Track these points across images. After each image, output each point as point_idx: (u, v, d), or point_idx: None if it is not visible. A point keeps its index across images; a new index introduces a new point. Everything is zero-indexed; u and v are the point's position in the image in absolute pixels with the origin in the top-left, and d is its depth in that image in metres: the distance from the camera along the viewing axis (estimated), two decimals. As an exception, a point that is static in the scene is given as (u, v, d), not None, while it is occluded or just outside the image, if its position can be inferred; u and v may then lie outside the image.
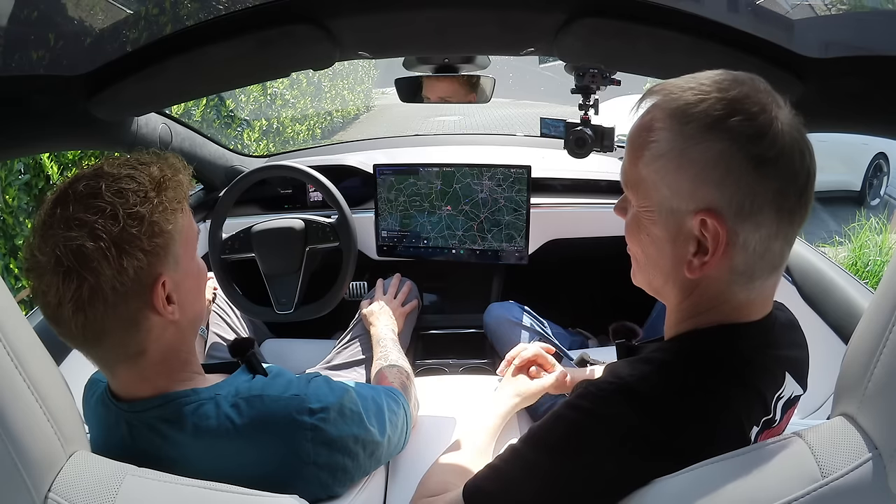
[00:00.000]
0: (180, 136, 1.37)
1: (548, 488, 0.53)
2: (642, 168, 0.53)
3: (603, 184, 1.61)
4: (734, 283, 0.53)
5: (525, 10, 0.78)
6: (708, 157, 0.49)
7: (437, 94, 1.25)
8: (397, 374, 0.99)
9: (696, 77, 0.53)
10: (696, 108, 0.50)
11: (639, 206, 0.55)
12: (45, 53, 0.79)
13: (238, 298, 1.33)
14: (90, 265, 0.53)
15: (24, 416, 0.45)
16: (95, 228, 0.53)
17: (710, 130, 0.49)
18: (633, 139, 0.55)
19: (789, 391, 0.56)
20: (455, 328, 1.51)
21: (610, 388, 0.53)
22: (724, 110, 0.49)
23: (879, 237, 3.66)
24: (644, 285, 0.61)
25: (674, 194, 0.51)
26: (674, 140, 0.51)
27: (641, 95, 0.56)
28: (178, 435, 0.59)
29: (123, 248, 0.54)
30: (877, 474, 0.40)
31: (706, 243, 0.51)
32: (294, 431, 0.62)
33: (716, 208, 0.49)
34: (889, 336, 0.40)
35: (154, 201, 0.57)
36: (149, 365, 0.60)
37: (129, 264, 0.54)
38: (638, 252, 0.58)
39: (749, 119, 0.48)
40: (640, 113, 0.55)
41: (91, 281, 0.53)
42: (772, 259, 0.52)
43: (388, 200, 1.47)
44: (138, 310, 0.57)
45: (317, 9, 0.77)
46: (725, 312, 0.54)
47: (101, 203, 0.54)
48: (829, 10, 0.77)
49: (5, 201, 1.92)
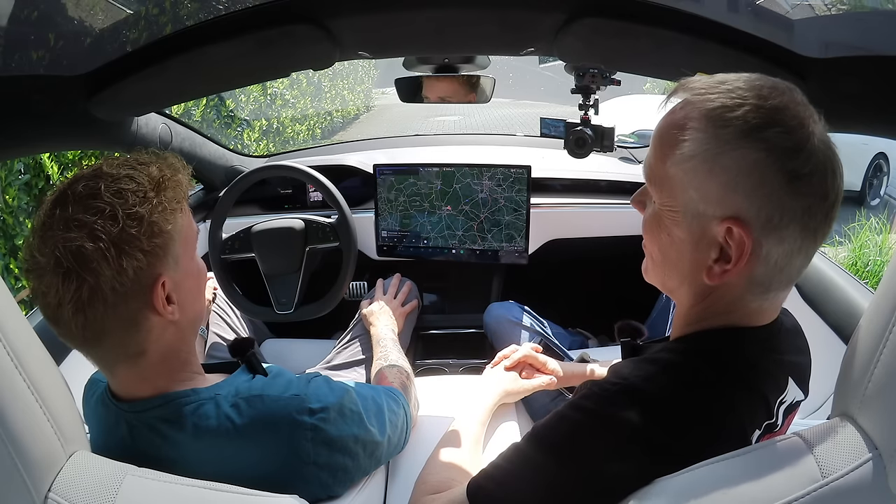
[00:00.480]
0: (180, 136, 1.37)
1: (550, 488, 0.53)
2: (671, 166, 0.52)
3: (603, 184, 1.61)
4: (749, 293, 0.52)
5: (525, 9, 0.78)
6: (742, 164, 0.48)
7: (437, 94, 1.25)
8: (397, 374, 0.99)
9: (730, 78, 0.51)
10: (733, 113, 0.48)
11: (661, 204, 0.54)
12: (45, 53, 0.79)
13: (238, 298, 1.33)
14: (90, 266, 0.53)
15: (24, 416, 0.45)
16: (95, 229, 0.53)
17: (746, 138, 0.48)
18: (663, 135, 0.53)
19: (791, 396, 0.56)
20: (455, 328, 1.51)
21: (614, 388, 0.53)
22: (763, 119, 0.48)
23: (879, 237, 3.66)
24: (656, 283, 0.60)
25: (701, 198, 0.50)
26: (707, 143, 0.49)
27: (671, 90, 0.55)
28: (178, 435, 0.59)
29: (123, 248, 0.54)
30: (877, 474, 0.40)
31: (729, 251, 0.50)
32: (294, 431, 0.62)
33: (744, 218, 0.48)
34: (889, 336, 0.40)
35: (153, 201, 0.56)
36: (149, 365, 0.60)
37: (128, 265, 0.54)
38: (655, 250, 0.57)
39: (787, 132, 0.47)
40: (669, 108, 0.54)
41: (91, 281, 0.53)
42: (790, 273, 0.51)
43: (388, 200, 1.47)
44: (138, 310, 0.57)
45: (317, 9, 0.77)
46: (735, 318, 0.54)
47: (100, 204, 0.54)
48: (829, 10, 0.77)
49: (5, 201, 1.92)
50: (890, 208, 4.99)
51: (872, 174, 5.42)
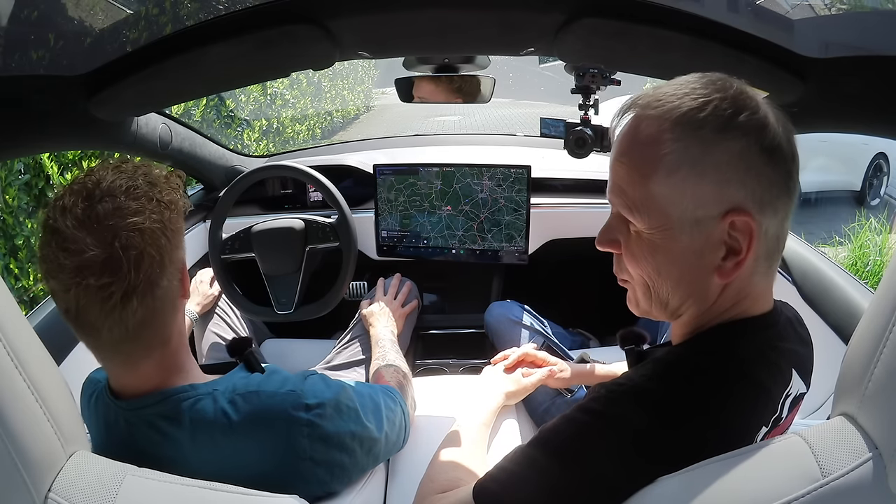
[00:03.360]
0: (180, 136, 1.37)
1: (555, 490, 0.53)
2: (655, 186, 0.51)
3: (603, 184, 1.59)
4: (757, 273, 0.53)
5: (525, 10, 0.78)
6: (728, 157, 0.49)
7: (437, 94, 1.25)
8: (394, 373, 0.99)
9: (677, 83, 0.52)
10: (703, 113, 0.49)
11: (650, 228, 0.52)
12: (45, 53, 0.79)
13: (238, 298, 1.33)
14: (157, 242, 0.56)
15: (24, 416, 0.45)
16: (150, 214, 0.55)
17: (724, 131, 0.49)
18: (635, 157, 0.52)
19: (796, 389, 0.56)
20: (455, 328, 1.51)
21: (620, 389, 0.53)
22: (732, 108, 0.49)
23: (879, 237, 3.66)
24: (653, 311, 0.58)
25: (698, 204, 0.50)
26: (689, 148, 0.49)
27: (618, 112, 0.54)
28: (176, 432, 0.60)
29: (171, 228, 0.58)
30: (877, 474, 0.40)
31: (736, 244, 0.50)
32: (290, 427, 0.62)
33: (742, 205, 0.49)
34: (889, 336, 0.40)
35: (175, 190, 0.60)
36: (169, 354, 0.61)
37: (176, 244, 0.58)
38: (650, 275, 0.55)
39: (753, 113, 0.49)
40: (626, 128, 0.53)
41: (156, 257, 0.55)
42: (783, 239, 0.53)
43: (388, 200, 1.47)
44: (176, 292, 0.60)
45: (317, 9, 0.77)
46: (741, 307, 0.54)
47: (140, 193, 0.56)
48: (829, 10, 0.77)
49: (5, 201, 1.92)
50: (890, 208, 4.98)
51: (872, 174, 5.42)
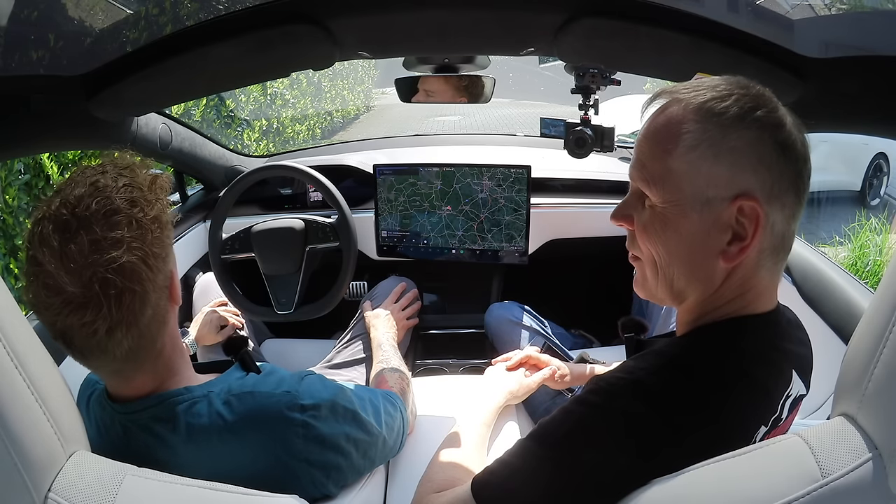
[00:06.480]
0: (180, 136, 1.37)
1: (554, 482, 0.53)
2: (673, 161, 0.53)
3: (603, 184, 1.61)
4: (762, 267, 0.54)
5: (525, 10, 0.78)
6: (743, 144, 0.52)
7: (437, 94, 1.25)
8: (398, 379, 0.99)
9: (702, 82, 0.55)
10: (724, 103, 0.53)
11: (664, 202, 0.55)
12: (45, 53, 0.79)
13: (238, 298, 1.33)
14: (139, 277, 0.54)
15: (24, 416, 0.45)
16: (130, 243, 0.53)
17: (742, 120, 0.52)
18: (660, 133, 0.55)
19: (796, 390, 0.56)
20: (455, 328, 1.50)
21: (619, 382, 0.53)
22: (752, 103, 0.53)
23: (879, 237, 3.66)
24: (659, 292, 0.59)
25: (710, 184, 0.53)
26: (708, 130, 0.52)
27: (650, 98, 0.57)
28: (172, 436, 0.59)
29: (154, 252, 0.56)
30: (877, 474, 0.40)
31: (742, 230, 0.52)
32: (285, 428, 0.62)
33: (751, 192, 0.52)
34: (889, 336, 0.40)
35: (156, 202, 0.57)
36: (162, 361, 0.61)
37: (161, 265, 0.56)
38: (660, 252, 0.56)
39: (772, 111, 0.53)
40: (654, 112, 0.56)
41: (139, 291, 0.54)
42: (789, 239, 0.55)
43: (388, 200, 1.47)
44: (166, 307, 0.59)
45: (317, 9, 0.77)
46: (744, 302, 0.55)
47: (120, 217, 0.54)
48: (829, 10, 0.77)
49: (5, 201, 1.92)
50: (890, 208, 4.99)
51: (872, 174, 5.41)
